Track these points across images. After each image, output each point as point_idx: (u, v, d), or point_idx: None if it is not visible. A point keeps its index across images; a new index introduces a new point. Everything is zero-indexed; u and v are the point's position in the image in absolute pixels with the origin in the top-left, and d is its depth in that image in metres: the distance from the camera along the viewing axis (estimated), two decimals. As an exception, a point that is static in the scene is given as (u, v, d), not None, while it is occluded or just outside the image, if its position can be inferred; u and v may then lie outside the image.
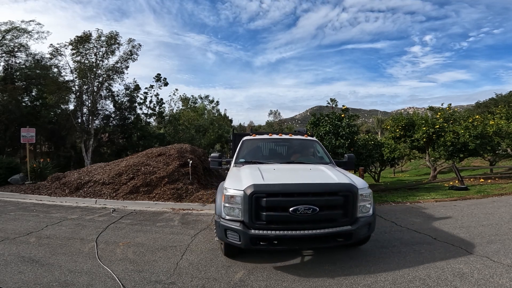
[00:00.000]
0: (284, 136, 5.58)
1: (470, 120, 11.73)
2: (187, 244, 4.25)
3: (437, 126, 11.76)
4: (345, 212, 3.19)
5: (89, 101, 20.88)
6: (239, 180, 3.42)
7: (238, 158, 4.74)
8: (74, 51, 19.78)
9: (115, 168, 8.73)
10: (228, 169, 4.76)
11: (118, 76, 21.62)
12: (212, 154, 5.02)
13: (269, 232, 3.05)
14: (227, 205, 3.23)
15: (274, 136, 5.61)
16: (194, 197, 7.37)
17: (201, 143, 26.78)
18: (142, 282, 3.06)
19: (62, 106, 20.48)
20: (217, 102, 42.35)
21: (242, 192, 3.13)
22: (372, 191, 3.61)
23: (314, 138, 5.70)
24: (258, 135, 5.76)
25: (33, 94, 20.40)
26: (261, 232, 3.05)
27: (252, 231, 3.06)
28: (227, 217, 3.21)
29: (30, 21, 19.17)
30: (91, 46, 20.22)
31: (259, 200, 3.07)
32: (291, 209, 3.03)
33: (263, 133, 6.06)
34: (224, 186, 3.43)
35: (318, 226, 3.10)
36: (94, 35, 20.28)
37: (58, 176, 8.92)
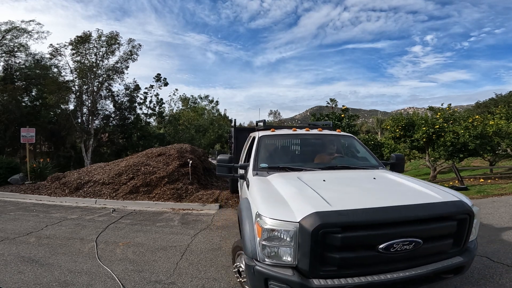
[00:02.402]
0: (314, 132, 4.40)
1: (470, 120, 11.74)
2: (187, 244, 4.25)
3: (437, 126, 11.76)
4: (456, 240, 2.29)
5: (89, 101, 20.88)
6: (282, 202, 2.30)
7: (258, 162, 3.51)
8: (74, 51, 19.79)
9: (115, 168, 8.73)
10: (243, 178, 3.65)
11: (118, 76, 21.64)
12: (219, 157, 3.66)
13: (343, 281, 2.01)
14: (266, 243, 2.09)
15: (301, 131, 4.41)
16: (194, 197, 7.38)
17: (201, 143, 26.78)
18: (142, 282, 3.06)
19: (62, 106, 20.49)
20: (217, 102, 42.38)
21: (297, 224, 2.01)
22: None
23: (349, 134, 4.60)
24: (277, 130, 4.57)
25: (33, 94, 20.41)
26: (330, 282, 1.99)
27: (315, 282, 1.99)
28: (268, 261, 2.11)
29: (30, 21, 19.21)
30: (91, 46, 20.23)
31: (329, 236, 1.97)
32: (381, 246, 2.00)
33: (282, 128, 4.96)
34: (257, 212, 2.24)
35: (418, 263, 2.16)
36: (95, 35, 20.30)
37: (58, 176, 8.91)
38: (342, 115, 10.01)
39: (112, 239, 4.52)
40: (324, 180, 2.85)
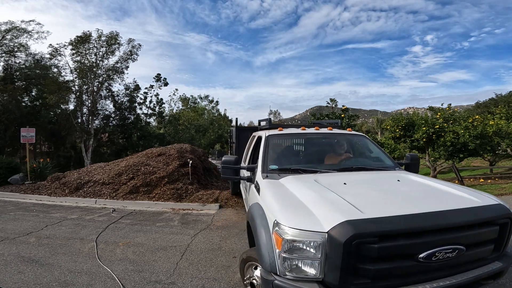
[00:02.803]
0: (324, 131, 4.17)
1: (470, 120, 11.74)
2: (187, 244, 4.25)
3: (437, 126, 11.76)
4: (497, 245, 2.22)
5: (89, 101, 20.89)
6: (303, 209, 2.09)
7: (267, 163, 3.26)
8: (74, 51, 19.81)
9: (115, 168, 8.73)
10: (250, 180, 3.38)
11: (118, 76, 21.65)
12: (224, 158, 3.43)
13: None
14: (288, 255, 1.88)
15: (310, 130, 4.14)
16: (194, 197, 7.37)
17: (201, 143, 26.80)
18: (142, 282, 3.06)
19: (62, 106, 20.51)
20: (217, 102, 42.41)
21: (325, 235, 1.82)
22: None
23: (360, 133, 4.46)
24: (284, 128, 4.31)
25: (33, 94, 20.42)
26: None
27: None
28: (289, 275, 1.90)
29: (30, 21, 19.21)
30: (91, 46, 20.25)
31: (364, 247, 1.79)
32: (422, 255, 1.85)
33: (288, 126, 4.67)
34: (275, 221, 2.02)
35: (458, 270, 2.06)
36: (95, 35, 20.32)
37: (58, 176, 8.91)
38: (342, 115, 10.02)
39: (112, 239, 4.52)
40: (345, 183, 2.63)
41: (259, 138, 4.11)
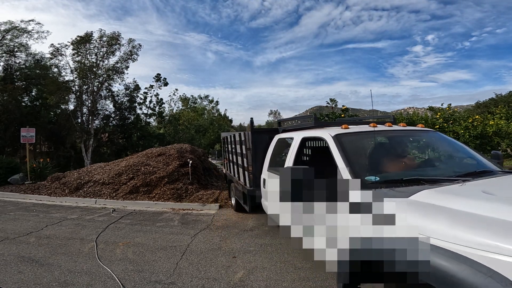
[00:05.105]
0: (399, 128, 3.31)
1: (470, 120, 11.74)
2: (187, 244, 4.25)
3: (437, 126, 11.75)
4: None
5: (89, 101, 20.89)
6: None
7: (362, 173, 2.33)
8: (74, 51, 19.83)
9: (115, 168, 8.73)
10: (337, 199, 1.94)
11: (118, 76, 21.66)
12: (293, 166, 2.51)
13: None
14: None
15: (391, 128, 3.24)
16: (194, 197, 7.38)
17: (201, 143, 26.78)
18: (142, 282, 3.06)
19: (62, 106, 20.53)
20: (217, 102, 42.46)
21: None
22: None
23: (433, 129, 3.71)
24: (351, 125, 3.29)
25: (33, 94, 20.43)
26: None
27: None
28: None
29: (30, 20, 19.20)
30: (92, 46, 20.27)
31: None
32: None
33: (343, 122, 3.80)
34: None
35: None
36: (96, 35, 20.38)
37: (58, 176, 8.92)
38: (342, 115, 10.02)
39: (112, 239, 4.52)
40: None
41: (300, 141, 3.39)
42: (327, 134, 2.93)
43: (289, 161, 3.44)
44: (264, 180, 4.12)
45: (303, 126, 4.01)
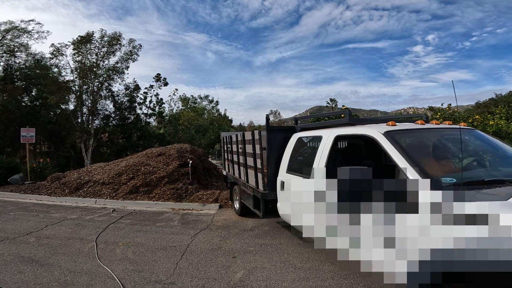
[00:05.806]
0: (449, 126, 3.13)
1: (470, 120, 11.73)
2: (187, 244, 4.25)
3: (437, 126, 11.76)
4: None
5: (89, 101, 20.92)
6: None
7: (433, 175, 2.11)
8: (75, 51, 19.85)
9: (115, 168, 8.73)
10: (406, 205, 1.90)
11: (118, 76, 21.70)
12: (352, 168, 2.10)
13: None
14: None
15: (440, 126, 3.08)
16: (194, 197, 7.38)
17: (201, 143, 26.81)
18: (142, 282, 3.06)
19: (62, 106, 20.54)
20: (217, 102, 42.42)
21: None
22: None
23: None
24: (398, 123, 2.93)
25: (33, 94, 20.45)
26: None
27: None
28: None
29: (30, 20, 19.21)
30: (92, 46, 20.29)
31: None
32: None
33: (385, 119, 3.39)
34: None
35: None
36: (98, 35, 20.41)
37: (58, 176, 8.92)
38: (342, 115, 10.01)
39: (112, 239, 4.52)
40: None
41: (335, 139, 3.15)
42: (375, 131, 2.65)
43: (320, 162, 3.16)
44: (283, 182, 3.83)
45: (332, 123, 3.83)
